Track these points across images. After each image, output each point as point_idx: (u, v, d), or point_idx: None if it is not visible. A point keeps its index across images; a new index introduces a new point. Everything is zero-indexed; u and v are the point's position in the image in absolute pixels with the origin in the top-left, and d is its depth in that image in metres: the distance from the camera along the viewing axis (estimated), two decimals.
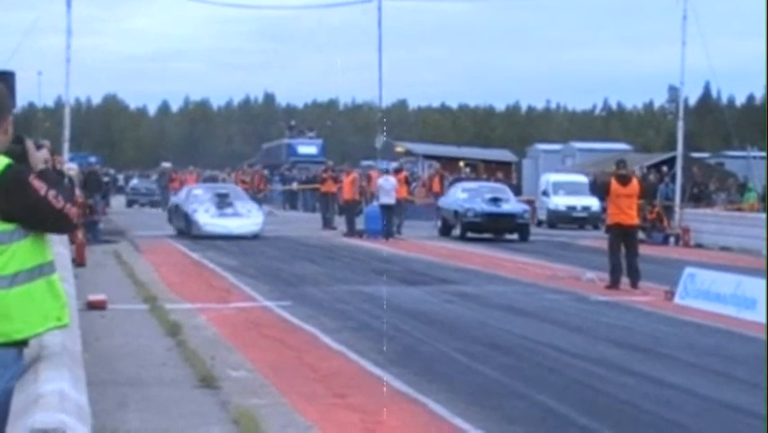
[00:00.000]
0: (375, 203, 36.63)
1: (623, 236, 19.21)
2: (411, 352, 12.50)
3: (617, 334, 14.18)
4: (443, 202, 35.38)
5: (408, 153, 53.33)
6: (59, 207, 4.66)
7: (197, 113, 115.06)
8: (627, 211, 19.27)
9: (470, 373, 11.24)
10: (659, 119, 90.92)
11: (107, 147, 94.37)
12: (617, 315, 16.07)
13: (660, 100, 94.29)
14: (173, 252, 25.68)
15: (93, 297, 14.99)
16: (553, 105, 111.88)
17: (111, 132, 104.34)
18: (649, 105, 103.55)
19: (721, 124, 65.86)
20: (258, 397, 9.56)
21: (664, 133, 55.35)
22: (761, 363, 12.15)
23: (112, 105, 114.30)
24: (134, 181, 64.93)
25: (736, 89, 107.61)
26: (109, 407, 8.78)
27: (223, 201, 31.54)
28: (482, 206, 32.36)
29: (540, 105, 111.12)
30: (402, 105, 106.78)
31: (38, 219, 4.68)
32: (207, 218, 30.49)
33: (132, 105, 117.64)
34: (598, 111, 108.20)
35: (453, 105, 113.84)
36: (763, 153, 48.17)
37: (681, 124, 35.88)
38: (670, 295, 17.47)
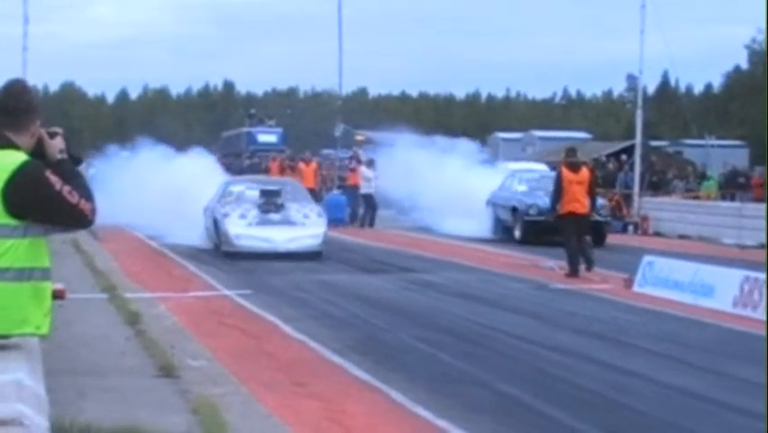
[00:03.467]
0: (335, 192, 36.58)
1: (576, 224, 19.30)
2: (372, 340, 12.49)
3: (577, 322, 14.23)
4: (497, 196, 29.05)
5: (369, 142, 53.24)
6: (74, 203, 4.65)
7: (156, 101, 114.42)
8: (579, 198, 19.36)
9: (431, 361, 11.25)
10: (618, 107, 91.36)
11: (66, 135, 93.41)
12: (576, 303, 16.13)
13: (619, 89, 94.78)
14: (132, 240, 25.54)
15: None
16: (513, 94, 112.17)
17: (70, 119, 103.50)
18: (608, 94, 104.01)
19: (680, 112, 66.28)
20: (218, 386, 9.52)
21: (624, 122, 55.60)
22: (719, 348, 12.25)
23: (70, 93, 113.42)
24: (92, 171, 64.29)
25: (695, 78, 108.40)
26: (67, 396, 8.71)
27: (269, 202, 22.81)
28: (548, 201, 23.86)
29: (500, 94, 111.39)
30: (362, 93, 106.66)
31: (51, 214, 4.68)
32: (242, 227, 21.89)
33: (91, 92, 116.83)
34: (557, 99, 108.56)
35: (413, 93, 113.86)
36: (721, 142, 48.51)
37: (639, 112, 36.05)
38: (629, 283, 17.55)
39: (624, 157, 40.89)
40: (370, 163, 33.40)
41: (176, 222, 24.24)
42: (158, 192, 25.63)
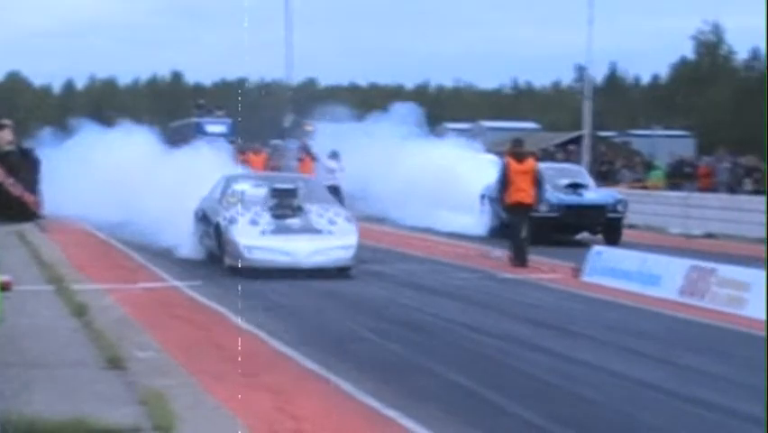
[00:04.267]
0: None
1: (523, 214, 19.40)
2: (321, 331, 12.49)
3: (526, 311, 14.30)
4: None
5: (316, 132, 53.03)
6: (17, 195, 4.59)
7: (104, 91, 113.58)
8: (524, 188, 19.50)
9: (380, 351, 11.26)
10: (567, 98, 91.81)
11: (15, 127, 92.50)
12: (524, 292, 16.21)
13: (568, 79, 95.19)
14: (79, 232, 25.30)
15: None
16: (462, 84, 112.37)
17: (17, 110, 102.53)
18: (557, 85, 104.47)
19: (628, 103, 66.74)
20: (166, 377, 9.47)
21: (572, 112, 55.85)
22: (665, 337, 12.35)
23: (15, 83, 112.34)
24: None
25: (642, 68, 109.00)
26: (14, 388, 8.64)
27: (284, 204, 18.29)
28: (558, 195, 23.94)
29: (449, 84, 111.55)
30: (312, 83, 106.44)
31: None
32: (255, 237, 17.43)
33: (37, 82, 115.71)
34: (506, 90, 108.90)
35: (363, 83, 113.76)
36: (668, 132, 48.93)
37: (587, 103, 36.29)
38: (577, 272, 17.65)
39: (572, 147, 41.13)
40: (334, 155, 32.81)
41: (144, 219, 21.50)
42: (109, 180, 24.52)
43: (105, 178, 25.26)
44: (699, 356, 11.11)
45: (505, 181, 19.70)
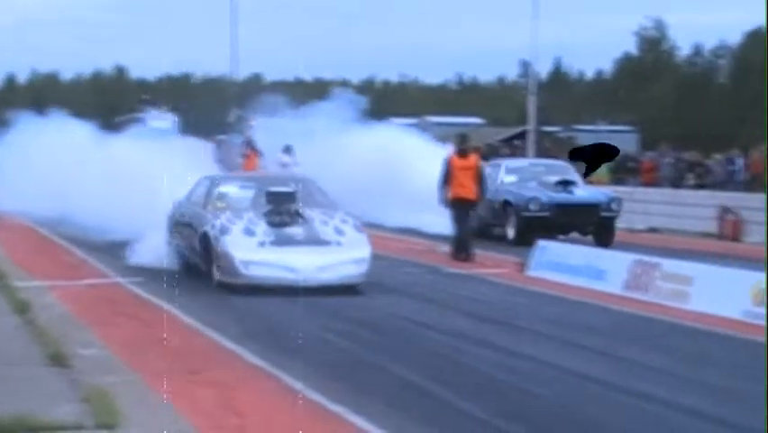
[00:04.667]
0: None
1: (465, 210, 19.46)
2: (267, 327, 12.44)
3: (470, 305, 14.33)
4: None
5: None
6: None
7: (46, 85, 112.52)
8: (465, 183, 19.58)
9: (326, 346, 11.24)
10: (512, 93, 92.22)
11: None
12: (470, 287, 16.24)
13: (512, 75, 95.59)
14: (19, 227, 25.02)
15: None
16: (407, 79, 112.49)
17: None
18: (502, 80, 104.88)
19: (572, 98, 67.12)
20: (110, 374, 9.39)
21: (517, 108, 56.09)
22: (610, 331, 12.41)
23: None
24: None
25: (586, 64, 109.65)
26: None
27: (281, 210, 15.80)
28: (548, 193, 22.73)
29: (394, 79, 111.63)
30: (257, 78, 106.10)
31: None
32: (252, 250, 15.10)
33: None
34: (452, 85, 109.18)
35: (309, 78, 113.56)
36: (612, 127, 49.28)
37: (532, 98, 36.45)
38: (522, 267, 17.71)
39: (517, 143, 41.31)
40: (288, 150, 32.42)
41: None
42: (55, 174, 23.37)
43: (43, 170, 24.40)
44: (642, 350, 11.18)
45: (446, 177, 19.73)
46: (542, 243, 18.08)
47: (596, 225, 22.51)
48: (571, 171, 23.86)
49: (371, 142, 28.27)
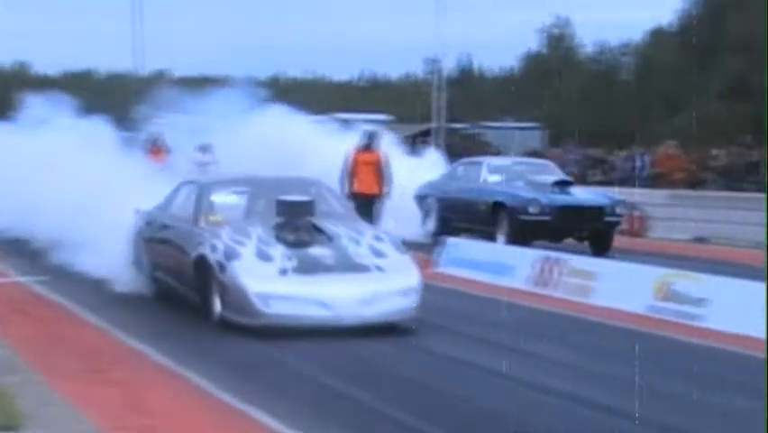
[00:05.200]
0: None
1: (367, 204, 19.53)
2: (174, 326, 12.30)
3: None
4: (448, 189, 22.00)
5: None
6: None
7: None
8: (365, 179, 19.74)
9: (234, 346, 11.13)
10: (419, 90, 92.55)
11: None
12: None
13: (419, 71, 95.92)
14: None
15: None
16: (314, 76, 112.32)
17: None
18: (409, 76, 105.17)
19: (479, 95, 67.49)
20: (11, 374, 9.23)
21: (424, 104, 56.20)
22: (517, 326, 12.48)
23: None
24: None
25: (493, 61, 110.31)
26: None
27: (297, 224, 12.29)
28: (548, 195, 20.19)
29: (301, 76, 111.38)
30: (162, 74, 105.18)
31: None
32: (272, 279, 11.60)
33: None
34: (358, 82, 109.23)
35: (216, 74, 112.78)
36: (518, 124, 49.67)
37: (439, 94, 36.58)
38: (430, 263, 17.74)
39: (424, 139, 41.44)
40: (205, 148, 31.60)
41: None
42: None
43: None
44: (548, 345, 11.26)
45: (348, 171, 19.93)
46: (451, 239, 18.13)
47: (592, 231, 20.20)
48: (555, 170, 22.22)
49: (270, 130, 26.96)
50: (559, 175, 21.68)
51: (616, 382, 9.56)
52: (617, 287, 13.99)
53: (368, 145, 20.37)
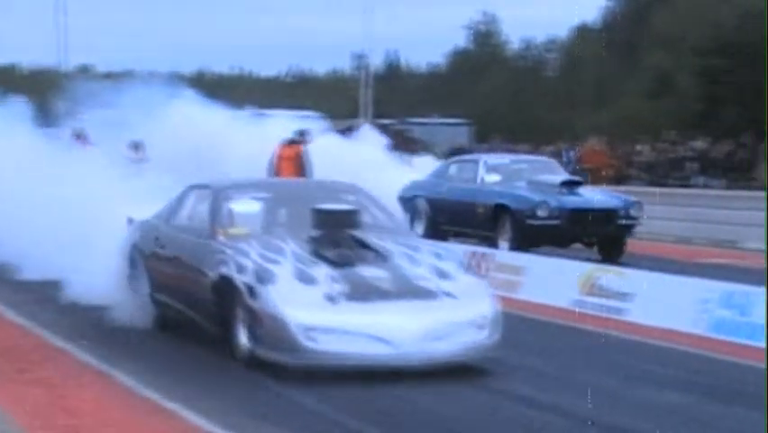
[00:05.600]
0: None
1: None
2: (99, 324, 12.15)
3: None
4: (443, 190, 20.18)
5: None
6: None
7: None
8: (285, 174, 20.00)
9: (160, 344, 11.05)
10: (345, 86, 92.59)
11: None
12: None
13: (347, 67, 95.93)
14: None
15: None
16: (240, 72, 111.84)
17: None
18: (336, 72, 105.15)
19: (406, 91, 67.66)
20: None
21: (351, 100, 56.14)
22: None
23: None
24: None
25: (420, 57, 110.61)
26: None
27: (338, 240, 10.09)
28: (558, 197, 18.42)
29: (226, 72, 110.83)
30: (87, 69, 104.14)
31: None
32: (318, 308, 9.26)
33: None
34: (284, 77, 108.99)
35: (141, 69, 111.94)
36: (445, 120, 49.88)
37: (366, 90, 36.61)
38: None
39: (350, 135, 41.43)
40: (136, 145, 30.56)
41: None
42: None
43: None
44: None
45: (271, 166, 20.31)
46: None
47: (603, 236, 18.55)
48: (560, 169, 20.81)
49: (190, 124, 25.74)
50: (564, 174, 20.24)
51: (541, 377, 9.64)
52: (543, 282, 14.11)
53: (292, 140, 20.71)
